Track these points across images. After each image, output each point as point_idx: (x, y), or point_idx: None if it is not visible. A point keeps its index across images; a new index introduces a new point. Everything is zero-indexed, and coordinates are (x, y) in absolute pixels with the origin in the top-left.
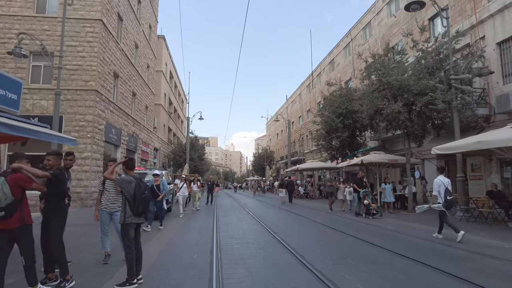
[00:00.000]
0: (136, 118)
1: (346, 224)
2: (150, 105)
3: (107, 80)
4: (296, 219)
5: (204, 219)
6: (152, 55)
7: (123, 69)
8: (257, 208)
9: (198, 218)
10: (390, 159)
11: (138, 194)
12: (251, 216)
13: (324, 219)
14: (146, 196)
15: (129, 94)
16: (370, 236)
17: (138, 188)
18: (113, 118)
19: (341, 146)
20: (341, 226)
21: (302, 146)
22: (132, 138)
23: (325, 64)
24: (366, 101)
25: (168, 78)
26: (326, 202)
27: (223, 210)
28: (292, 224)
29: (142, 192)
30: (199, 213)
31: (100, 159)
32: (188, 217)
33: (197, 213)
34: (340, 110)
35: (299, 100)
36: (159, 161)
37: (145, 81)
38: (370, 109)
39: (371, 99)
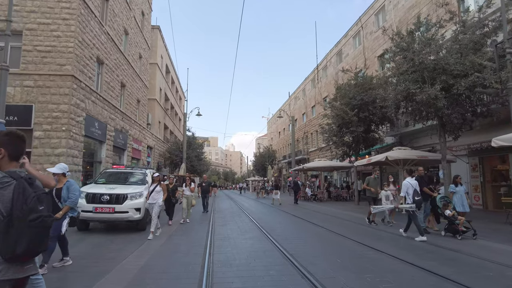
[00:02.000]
0: (126, 112)
1: (416, 249)
2: (142, 99)
3: (87, 66)
4: (316, 232)
5: (195, 231)
6: (146, 45)
7: (109, 56)
8: (261, 214)
9: (187, 230)
10: (420, 156)
11: (19, 213)
12: (255, 225)
13: (365, 236)
14: (41, 218)
15: (116, 85)
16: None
17: (21, 200)
18: (96, 110)
19: (355, 142)
20: (409, 253)
21: (307, 144)
22: (120, 134)
23: (331, 56)
24: (393, 86)
25: (164, 72)
26: (338, 206)
27: (222, 217)
28: (313, 240)
29: (29, 209)
30: (190, 222)
31: (79, 156)
32: (170, 232)
33: (188, 222)
34: (355, 101)
35: (302, 96)
36: (153, 160)
37: (136, 72)
38: (399, 95)
39: (402, 81)
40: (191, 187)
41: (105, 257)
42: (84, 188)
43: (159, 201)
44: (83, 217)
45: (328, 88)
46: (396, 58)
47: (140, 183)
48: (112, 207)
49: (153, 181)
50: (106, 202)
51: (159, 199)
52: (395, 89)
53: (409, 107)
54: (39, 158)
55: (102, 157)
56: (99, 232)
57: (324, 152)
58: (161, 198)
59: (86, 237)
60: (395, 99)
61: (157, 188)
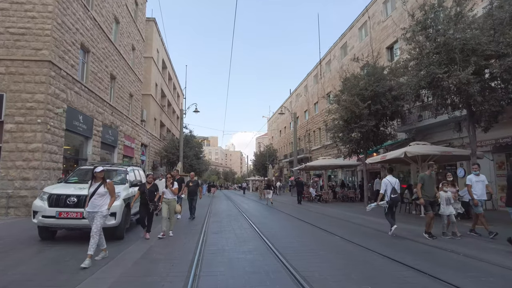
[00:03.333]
0: (117, 106)
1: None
2: (136, 94)
3: (69, 52)
4: (332, 242)
5: (182, 241)
6: (139, 36)
7: (96, 44)
8: (262, 218)
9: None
10: (443, 152)
11: None
12: (256, 233)
13: (401, 251)
14: None
15: (105, 76)
16: None
17: None
18: (80, 102)
19: (364, 139)
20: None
21: (310, 142)
22: (110, 129)
23: (336, 50)
24: (414, 72)
25: (160, 67)
26: (346, 208)
27: (217, 222)
28: (330, 255)
29: None
30: (179, 228)
31: (58, 152)
32: (150, 244)
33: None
34: (366, 92)
35: (304, 93)
36: (148, 159)
37: (129, 65)
38: (422, 81)
39: (425, 65)
40: (173, 188)
41: (51, 282)
42: (47, 188)
43: (102, 210)
44: (44, 224)
45: (332, 83)
46: (417, 39)
47: (119, 182)
48: (80, 211)
49: (93, 179)
50: (73, 206)
51: (102, 207)
52: (417, 75)
53: (432, 96)
54: (10, 154)
55: (88, 154)
56: (66, 242)
57: (328, 150)
58: (106, 205)
59: (47, 249)
60: (417, 86)
61: (100, 190)
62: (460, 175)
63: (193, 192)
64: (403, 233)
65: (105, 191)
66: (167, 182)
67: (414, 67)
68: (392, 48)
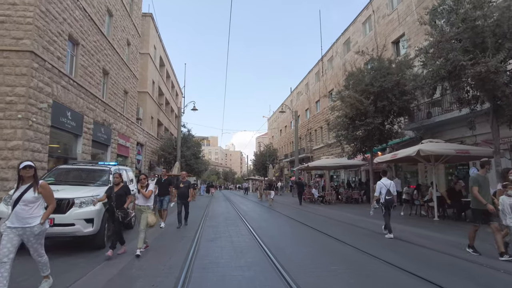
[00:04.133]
0: (110, 103)
1: None
2: (131, 91)
3: (55, 43)
4: (346, 255)
5: (170, 250)
6: (135, 31)
7: (87, 36)
8: (263, 222)
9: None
10: (461, 150)
11: None
12: (256, 241)
13: (432, 267)
14: None
15: (97, 71)
16: None
17: None
18: (68, 97)
19: (370, 137)
20: None
21: (311, 142)
22: (102, 127)
23: (338, 46)
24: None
25: (157, 64)
26: (352, 210)
27: (213, 226)
28: (349, 274)
29: None
30: (169, 235)
31: (42, 150)
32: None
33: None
34: (372, 88)
35: (306, 91)
36: (144, 158)
37: (123, 60)
38: (442, 69)
39: (447, 52)
40: (145, 191)
41: None
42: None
43: (32, 225)
44: None
45: (335, 80)
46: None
47: (101, 183)
48: (51, 217)
49: (20, 180)
50: None
51: (32, 220)
52: (435, 64)
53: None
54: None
55: (77, 153)
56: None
57: (330, 150)
58: (38, 218)
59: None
60: (435, 75)
61: (27, 195)
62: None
63: (183, 195)
64: (429, 243)
65: (35, 197)
66: (139, 184)
67: (433, 55)
68: (398, 43)
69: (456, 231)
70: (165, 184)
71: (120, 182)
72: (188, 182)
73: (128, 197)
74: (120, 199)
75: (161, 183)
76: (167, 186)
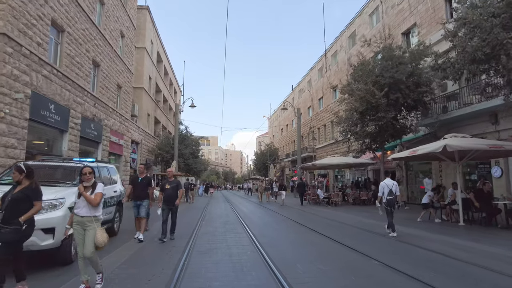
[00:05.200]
0: (101, 98)
1: None
2: (125, 86)
3: (34, 27)
4: (376, 276)
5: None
6: (129, 23)
7: (74, 23)
8: (266, 228)
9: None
10: (494, 145)
11: None
12: (259, 254)
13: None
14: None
15: (86, 62)
16: None
17: None
18: (50, 88)
19: (381, 133)
20: None
21: (315, 140)
22: (92, 123)
23: (343, 39)
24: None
25: (154, 59)
26: (362, 213)
27: (209, 233)
28: None
29: None
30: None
31: (19, 146)
32: None
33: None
34: (384, 79)
35: (308, 88)
36: (140, 157)
37: (117, 53)
38: (478, 51)
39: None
40: (91, 196)
41: None
42: None
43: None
44: None
45: (339, 75)
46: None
47: (69, 184)
48: None
49: None
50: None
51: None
52: (469, 45)
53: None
54: None
55: (63, 149)
56: None
57: (334, 148)
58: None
59: None
60: (470, 58)
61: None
62: (496, 175)
63: (170, 198)
64: (466, 256)
65: None
66: (81, 184)
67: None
68: (409, 34)
69: (493, 239)
70: (142, 185)
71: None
72: (176, 182)
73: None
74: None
75: (137, 183)
76: (145, 187)
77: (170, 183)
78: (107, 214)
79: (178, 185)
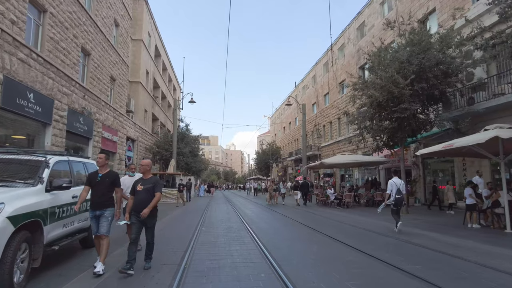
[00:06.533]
0: (92, 89)
1: None
2: (120, 78)
3: (6, 2)
4: None
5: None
6: (125, 11)
7: (58, 4)
8: (281, 238)
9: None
10: None
11: None
12: (278, 279)
13: None
14: None
15: (73, 48)
16: None
17: None
18: (29, 74)
19: (402, 127)
20: None
21: (320, 137)
22: (81, 116)
23: (351, 31)
24: None
25: (152, 53)
26: (381, 216)
27: (209, 243)
28: None
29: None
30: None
31: None
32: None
33: None
34: (410, 66)
35: (312, 84)
36: (136, 155)
37: (110, 42)
38: None
39: None
40: None
41: None
42: None
43: None
44: None
45: (347, 69)
46: None
47: (21, 183)
48: None
49: None
50: None
51: None
52: None
53: None
54: None
55: (46, 145)
56: None
57: (341, 146)
58: None
59: None
60: None
61: None
62: None
63: (142, 204)
64: None
65: None
66: None
67: None
68: (426, 21)
69: None
70: (103, 185)
71: None
72: (153, 182)
73: None
74: None
75: (96, 182)
76: (109, 189)
77: (143, 183)
78: (81, 221)
79: (155, 185)
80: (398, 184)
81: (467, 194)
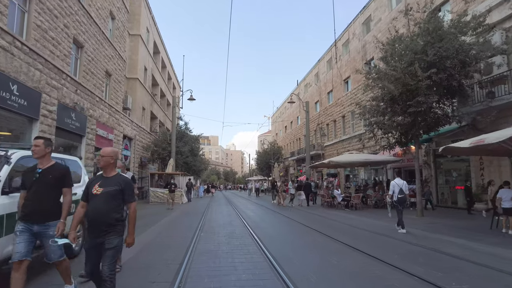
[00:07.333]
0: (85, 84)
1: None
2: (116, 74)
3: None
4: None
5: None
6: (121, 4)
7: None
8: (292, 246)
9: None
10: None
11: None
12: None
13: None
14: None
15: (64, 39)
16: None
17: None
18: (12, 64)
19: (415, 122)
20: None
21: (325, 136)
22: (73, 112)
23: (356, 26)
24: None
25: (151, 49)
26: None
27: (208, 253)
28: None
29: None
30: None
31: None
32: None
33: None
34: (427, 57)
35: (315, 81)
36: (134, 154)
37: (105, 35)
38: None
39: None
40: None
41: None
42: None
43: None
44: None
45: (352, 65)
46: None
47: None
48: None
49: None
50: None
51: None
52: None
53: None
54: None
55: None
56: None
57: (346, 145)
58: None
59: None
60: None
61: None
62: None
63: (103, 217)
64: None
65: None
66: None
67: None
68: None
69: None
70: (44, 185)
71: None
72: (120, 183)
73: None
74: None
75: (33, 182)
76: (54, 192)
77: (103, 183)
78: None
79: (125, 188)
80: (401, 184)
81: (509, 197)
